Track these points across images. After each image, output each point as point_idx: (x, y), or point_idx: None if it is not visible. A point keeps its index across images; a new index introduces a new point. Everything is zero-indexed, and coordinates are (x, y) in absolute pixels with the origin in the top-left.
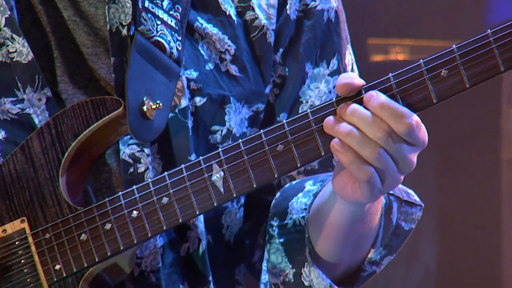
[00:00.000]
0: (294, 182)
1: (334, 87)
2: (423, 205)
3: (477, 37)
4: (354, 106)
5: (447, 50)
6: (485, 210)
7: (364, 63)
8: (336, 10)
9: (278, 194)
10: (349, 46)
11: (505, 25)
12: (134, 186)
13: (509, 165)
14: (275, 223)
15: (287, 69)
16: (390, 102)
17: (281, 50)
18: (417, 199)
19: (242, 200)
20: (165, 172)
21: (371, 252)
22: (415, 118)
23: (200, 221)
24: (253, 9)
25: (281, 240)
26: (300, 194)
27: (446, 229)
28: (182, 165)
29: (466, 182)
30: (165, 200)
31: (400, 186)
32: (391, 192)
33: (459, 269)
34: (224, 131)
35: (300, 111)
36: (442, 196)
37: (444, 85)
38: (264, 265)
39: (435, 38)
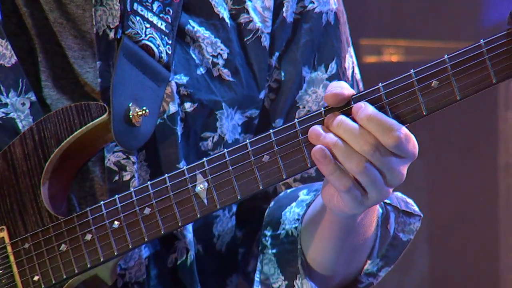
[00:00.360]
0: (288, 191)
1: None
2: (422, 215)
3: (470, 47)
4: (341, 117)
5: (438, 61)
6: (482, 216)
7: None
8: (336, 12)
9: (272, 203)
10: (350, 49)
11: (498, 35)
12: (116, 196)
13: (506, 169)
14: (268, 233)
15: (283, 74)
16: (378, 114)
17: (276, 53)
18: (416, 209)
19: (234, 209)
20: (148, 182)
21: (367, 263)
22: (404, 130)
23: (189, 231)
24: (247, 12)
25: (274, 250)
26: (294, 204)
27: (441, 235)
28: (166, 175)
29: (462, 187)
30: (147, 210)
31: (399, 195)
32: (388, 201)
33: (455, 276)
34: (216, 138)
35: (297, 116)
36: (438, 202)
37: (434, 96)
38: (257, 276)
39: (430, 39)
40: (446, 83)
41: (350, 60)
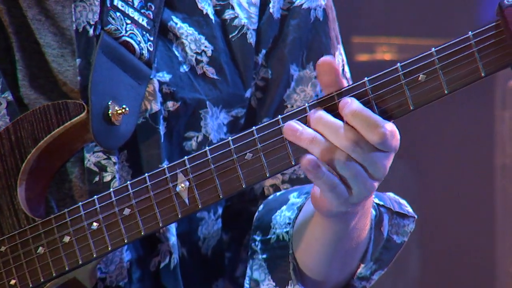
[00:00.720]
0: (278, 194)
1: (321, 90)
2: (416, 216)
3: (457, 39)
4: (320, 113)
5: (425, 54)
6: (478, 219)
7: (348, 63)
8: (325, 8)
9: (261, 207)
10: (340, 47)
11: (486, 27)
12: (95, 196)
13: (503, 171)
14: (258, 238)
15: (270, 72)
16: (363, 110)
17: (263, 51)
18: (410, 210)
19: (220, 211)
20: (128, 181)
21: (360, 267)
22: (389, 126)
23: (172, 233)
24: (232, 8)
25: (264, 256)
26: (284, 207)
27: (436, 238)
28: (146, 174)
29: (457, 189)
30: (127, 211)
31: (392, 195)
32: (381, 203)
33: (449, 280)
34: (200, 138)
35: None
36: (432, 204)
37: (421, 90)
38: (247, 283)
39: (424, 37)
40: (433, 77)
41: (340, 58)
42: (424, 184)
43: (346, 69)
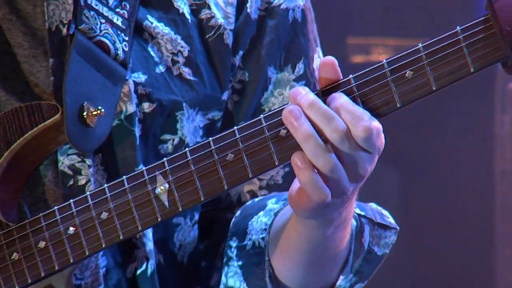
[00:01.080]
0: (256, 200)
1: None
2: (398, 228)
3: (445, 35)
4: (314, 99)
5: (412, 49)
6: (477, 226)
7: (343, 65)
8: (303, 9)
9: (238, 212)
10: (318, 49)
11: (475, 21)
12: (71, 200)
13: (503, 176)
14: (233, 244)
15: (247, 74)
16: (350, 103)
17: (240, 52)
18: (392, 221)
19: (197, 217)
20: (105, 184)
21: (340, 279)
22: (376, 124)
23: (149, 238)
24: (209, 7)
25: (240, 262)
26: (261, 213)
27: (433, 246)
28: (124, 177)
29: (456, 195)
30: (104, 215)
31: (374, 206)
32: (362, 213)
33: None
34: (176, 141)
35: None
36: (430, 210)
37: (408, 87)
38: None
39: (420, 37)
40: (421, 73)
41: (318, 61)
42: (422, 190)
43: None
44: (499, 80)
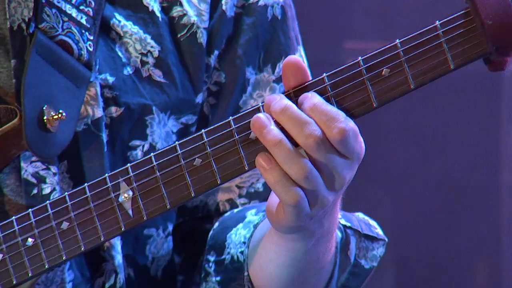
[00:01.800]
0: (235, 211)
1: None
2: (386, 239)
3: (424, 30)
4: (287, 104)
5: (389, 46)
6: (483, 241)
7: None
8: (283, 5)
9: (216, 224)
10: (300, 48)
11: (455, 15)
12: (30, 210)
13: (510, 189)
14: (211, 258)
15: (223, 75)
16: (323, 103)
17: (216, 52)
18: (380, 232)
19: (170, 228)
20: (66, 192)
21: None
22: (351, 125)
23: (117, 251)
24: (181, 4)
25: (218, 278)
26: (240, 225)
27: (436, 266)
28: (85, 184)
29: (461, 210)
30: (65, 225)
31: (360, 216)
32: (348, 224)
33: None
34: (146, 147)
35: None
36: (434, 225)
37: (385, 86)
38: None
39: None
40: (398, 71)
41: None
42: (423, 205)
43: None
44: (506, 89)
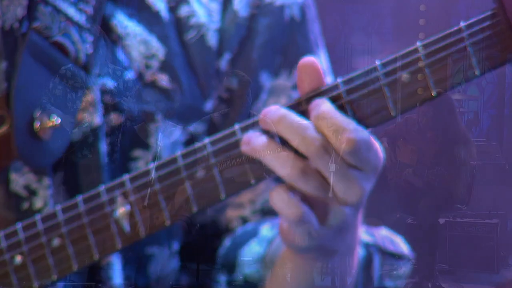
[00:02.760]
0: (247, 227)
1: None
2: (412, 257)
3: (447, 32)
4: (284, 113)
5: (409, 49)
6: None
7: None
8: (302, 6)
9: (227, 242)
10: (321, 52)
11: (481, 17)
12: (19, 225)
13: None
14: (223, 279)
15: (236, 81)
16: (332, 111)
17: (227, 55)
18: (405, 249)
19: (176, 246)
20: (58, 207)
21: None
22: (363, 134)
23: (116, 270)
24: (189, 4)
25: None
26: (254, 242)
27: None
28: (79, 197)
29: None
30: (56, 241)
31: (384, 232)
32: (371, 241)
33: None
34: (150, 158)
35: None
36: None
37: (404, 93)
38: None
39: None
40: (419, 76)
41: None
42: None
43: (330, 79)
44: None
